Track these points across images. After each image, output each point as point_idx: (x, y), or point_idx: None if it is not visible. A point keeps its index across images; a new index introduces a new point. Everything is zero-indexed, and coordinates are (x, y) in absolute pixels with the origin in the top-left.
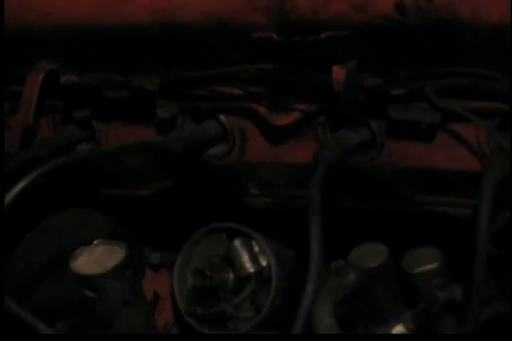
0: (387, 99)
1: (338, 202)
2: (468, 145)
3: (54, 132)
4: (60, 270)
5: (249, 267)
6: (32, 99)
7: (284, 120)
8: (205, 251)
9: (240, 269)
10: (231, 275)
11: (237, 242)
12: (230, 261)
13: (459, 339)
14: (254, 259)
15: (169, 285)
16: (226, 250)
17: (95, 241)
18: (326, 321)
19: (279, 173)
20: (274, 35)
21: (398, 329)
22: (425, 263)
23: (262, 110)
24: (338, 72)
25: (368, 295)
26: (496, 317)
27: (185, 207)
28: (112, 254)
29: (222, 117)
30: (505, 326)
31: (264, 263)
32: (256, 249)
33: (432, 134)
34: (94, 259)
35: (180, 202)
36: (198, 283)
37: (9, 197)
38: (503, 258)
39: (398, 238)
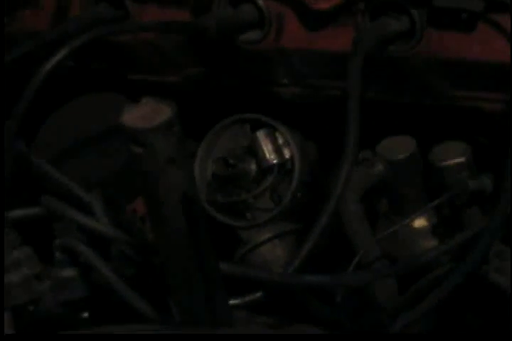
0: None
1: (369, 92)
2: (509, 37)
3: (86, 10)
4: (88, 149)
5: (272, 158)
6: None
7: (323, 4)
8: (229, 142)
9: (262, 160)
10: (253, 165)
11: (260, 133)
12: (253, 152)
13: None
14: (278, 151)
15: None
16: (249, 141)
17: (143, 99)
18: (352, 207)
19: (313, 61)
20: None
21: (420, 222)
22: (454, 156)
23: None
24: None
25: (393, 188)
26: None
27: (213, 95)
28: (159, 111)
29: (260, 1)
30: None
31: (287, 155)
32: (280, 140)
33: (473, 25)
34: (142, 115)
35: (209, 89)
36: (220, 171)
37: (40, 74)
38: None
39: (427, 132)
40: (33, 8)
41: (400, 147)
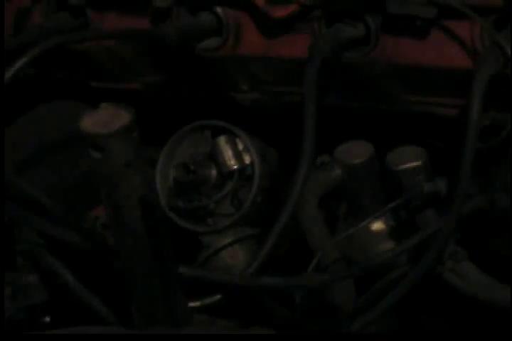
0: None
1: (326, 98)
2: (462, 43)
3: (47, 19)
4: (50, 157)
5: (233, 164)
6: None
7: (280, 12)
8: (190, 148)
9: (222, 166)
10: (214, 171)
11: (221, 139)
12: (214, 158)
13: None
14: (238, 156)
15: None
16: (210, 147)
17: (102, 104)
18: (310, 210)
19: (271, 67)
20: None
21: (377, 225)
22: (410, 160)
23: (258, 2)
24: None
25: (350, 191)
26: (476, 211)
27: (173, 103)
28: (117, 117)
29: (218, 9)
30: (484, 221)
31: (247, 160)
32: (240, 146)
33: (426, 31)
34: (101, 121)
35: (169, 97)
36: (180, 177)
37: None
38: (487, 153)
39: (384, 136)
40: None
41: (357, 151)
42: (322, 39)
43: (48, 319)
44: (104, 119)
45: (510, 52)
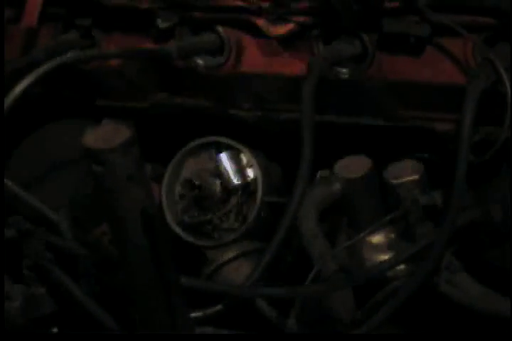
0: (380, 12)
1: (325, 115)
2: (455, 59)
3: (54, 39)
4: (58, 174)
5: (236, 179)
6: (37, 4)
7: (279, 30)
8: (194, 164)
9: (227, 181)
10: (218, 187)
11: (224, 155)
12: (218, 173)
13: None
14: (242, 172)
15: (157, 197)
16: (215, 163)
17: (103, 121)
18: (310, 223)
19: (272, 85)
20: None
21: (377, 238)
22: (407, 174)
23: (259, 21)
24: None
25: (350, 205)
26: (472, 223)
27: (176, 120)
28: (119, 133)
29: (219, 29)
30: (478, 232)
31: (251, 176)
32: (244, 162)
33: (421, 48)
34: (103, 137)
35: (173, 114)
36: (186, 192)
37: (8, 100)
38: (480, 167)
39: (381, 151)
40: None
41: (356, 166)
42: (320, 57)
43: (55, 330)
44: (105, 135)
45: (501, 69)
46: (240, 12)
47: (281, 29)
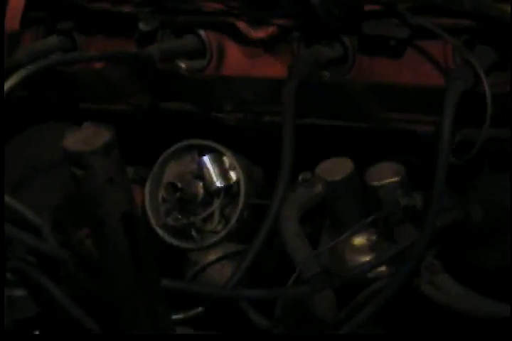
0: (360, 15)
1: (306, 117)
2: (435, 61)
3: (36, 42)
4: (40, 177)
5: (219, 182)
6: (19, 7)
7: (260, 33)
8: (177, 167)
9: (209, 184)
10: (201, 189)
11: (207, 158)
12: (201, 176)
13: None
14: (224, 175)
15: (140, 199)
16: (197, 166)
17: (84, 124)
18: (291, 225)
19: (253, 88)
20: None
21: (359, 240)
22: (388, 176)
23: (240, 24)
24: None
25: (332, 207)
26: (452, 224)
27: (159, 123)
28: (99, 135)
29: (201, 32)
30: (459, 233)
31: (233, 178)
32: (226, 165)
33: (401, 51)
34: (83, 139)
35: (156, 117)
36: (169, 195)
37: None
38: (462, 168)
39: (363, 153)
40: None
41: (338, 168)
42: (301, 59)
43: (37, 332)
44: (85, 138)
45: (480, 71)
46: (221, 15)
47: (262, 32)
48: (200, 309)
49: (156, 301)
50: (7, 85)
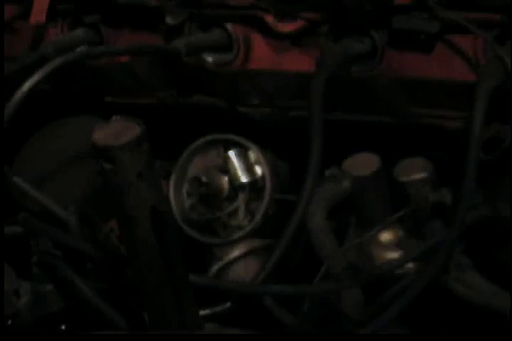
0: (390, 9)
1: (334, 112)
2: (465, 56)
3: (63, 35)
4: (66, 171)
5: (244, 177)
6: (45, 0)
7: (288, 27)
8: (202, 161)
9: (234, 179)
10: (226, 184)
11: (232, 153)
12: (226, 171)
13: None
14: (249, 169)
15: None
16: (222, 160)
17: (113, 117)
18: (318, 221)
19: (280, 82)
20: None
21: (386, 236)
22: (416, 172)
23: (268, 18)
24: None
25: (359, 203)
26: (481, 220)
27: (185, 117)
28: (128, 129)
29: (228, 25)
30: (487, 230)
31: (259, 173)
32: (251, 159)
33: (431, 45)
34: (112, 133)
35: (181, 111)
36: (194, 190)
37: (17, 96)
38: (490, 165)
39: (391, 149)
40: (10, 34)
41: (365, 164)
42: (329, 54)
43: (63, 327)
44: (115, 132)
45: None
46: (248, 9)
47: (290, 26)
48: (228, 305)
49: (184, 297)
50: (34, 79)
